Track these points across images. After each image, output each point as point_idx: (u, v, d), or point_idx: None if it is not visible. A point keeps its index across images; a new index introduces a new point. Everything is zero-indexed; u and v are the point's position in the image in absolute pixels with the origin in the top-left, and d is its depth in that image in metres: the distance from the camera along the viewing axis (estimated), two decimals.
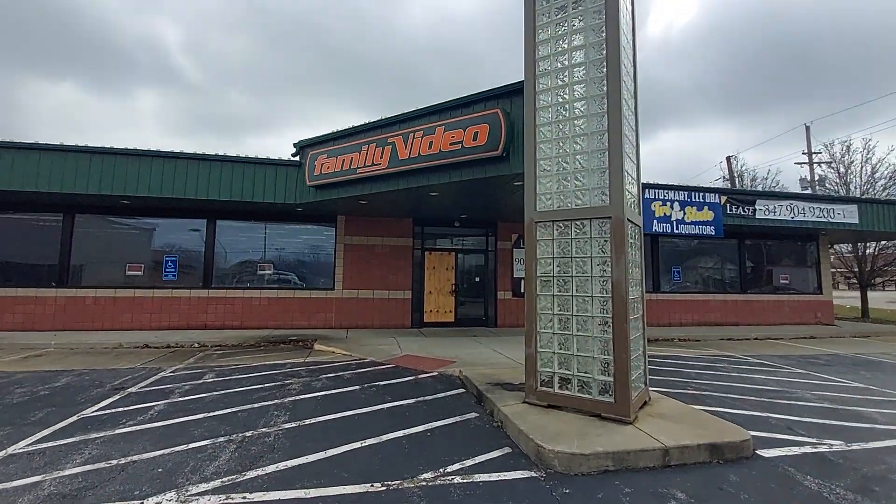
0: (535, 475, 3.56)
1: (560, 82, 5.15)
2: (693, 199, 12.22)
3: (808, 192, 15.32)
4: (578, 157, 4.95)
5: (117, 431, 4.37)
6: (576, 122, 5.00)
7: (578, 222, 4.86)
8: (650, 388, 5.54)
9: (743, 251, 14.66)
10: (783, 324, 14.49)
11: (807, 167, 26.45)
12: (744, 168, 26.49)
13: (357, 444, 4.10)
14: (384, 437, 4.29)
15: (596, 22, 4.92)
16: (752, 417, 5.14)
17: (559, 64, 5.16)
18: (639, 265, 5.20)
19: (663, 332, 12.40)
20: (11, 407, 5.12)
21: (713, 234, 12.29)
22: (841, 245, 19.38)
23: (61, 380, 6.42)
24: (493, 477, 3.51)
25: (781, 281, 14.97)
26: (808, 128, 27.04)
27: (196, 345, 9.46)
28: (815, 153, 26.73)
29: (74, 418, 4.76)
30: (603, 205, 4.71)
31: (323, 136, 9.47)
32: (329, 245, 11.97)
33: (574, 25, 5.10)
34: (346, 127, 9.14)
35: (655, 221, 11.92)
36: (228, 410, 5.04)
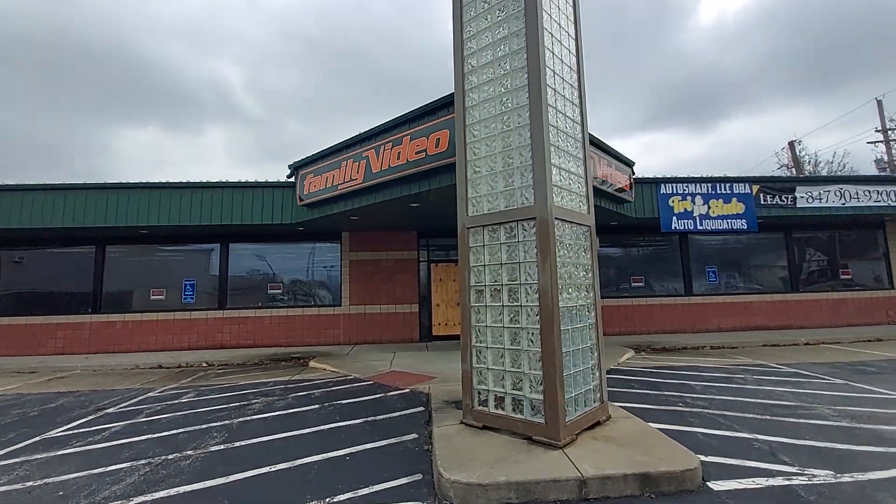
0: None
1: (486, 77, 4.82)
2: (719, 191, 11.08)
3: (869, 173, 13.24)
4: (503, 155, 4.58)
5: (59, 453, 4.56)
6: (502, 118, 4.65)
7: (507, 225, 4.47)
8: (619, 406, 4.95)
9: (791, 245, 13.02)
10: (846, 325, 12.62)
11: (881, 147, 23.40)
12: (803, 153, 23.93)
13: (266, 469, 3.96)
14: (298, 462, 4.12)
15: (516, 9, 4.57)
16: (734, 440, 4.40)
17: (486, 59, 4.85)
18: (587, 268, 4.69)
19: (695, 339, 11.24)
20: None
21: (745, 227, 11.04)
22: None
23: (60, 401, 6.89)
24: None
25: (842, 276, 13.09)
26: (880, 102, 23.97)
27: (204, 364, 9.88)
28: (890, 129, 23.63)
29: (37, 439, 5.04)
30: (527, 205, 4.30)
31: (311, 155, 9.65)
32: (335, 262, 12.14)
33: (497, 16, 4.77)
34: (332, 144, 9.24)
35: (675, 218, 10.91)
36: (173, 432, 5.11)
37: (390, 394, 6.64)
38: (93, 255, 11.73)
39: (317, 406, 6.06)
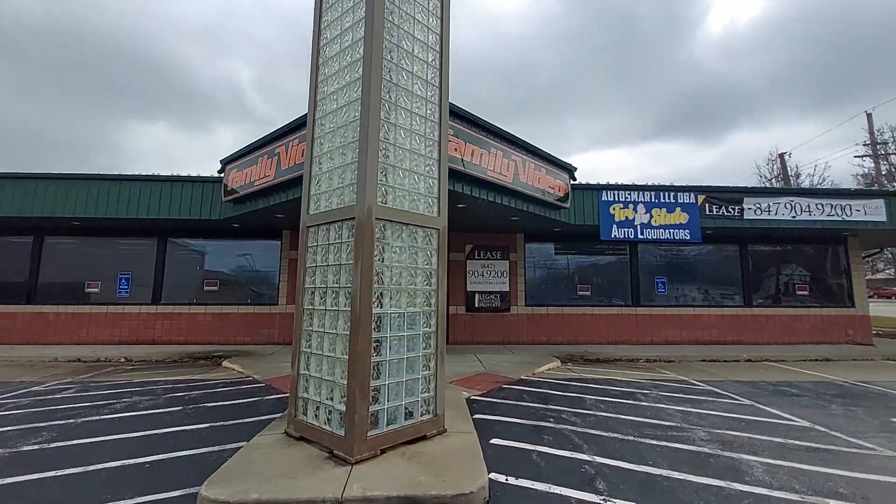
0: None
1: (335, 69, 4.60)
2: (662, 200, 10.75)
3: (827, 187, 12.57)
4: (341, 150, 4.34)
5: None
6: (342, 111, 4.41)
7: (335, 224, 4.23)
8: (488, 418, 4.68)
9: (746, 258, 12.63)
10: (801, 343, 12.21)
11: (869, 161, 22.89)
12: (795, 167, 23.45)
13: (53, 473, 3.75)
14: (94, 467, 3.88)
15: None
16: (567, 462, 4.12)
17: (337, 48, 4.62)
18: (428, 273, 4.44)
19: (636, 351, 10.88)
20: None
21: (688, 238, 10.69)
22: None
23: None
24: None
25: (799, 292, 12.66)
26: (869, 116, 23.48)
27: (123, 359, 9.70)
28: (881, 144, 23.14)
29: None
30: (349, 204, 4.05)
31: (239, 150, 9.47)
32: (274, 260, 11.94)
33: (347, 4, 4.55)
34: (255, 140, 9.06)
35: (615, 227, 10.60)
36: (4, 429, 4.91)
37: (269, 397, 6.40)
38: (30, 245, 11.62)
39: (180, 408, 5.83)
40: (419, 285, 4.36)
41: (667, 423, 5.40)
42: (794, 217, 10.83)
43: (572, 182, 10.53)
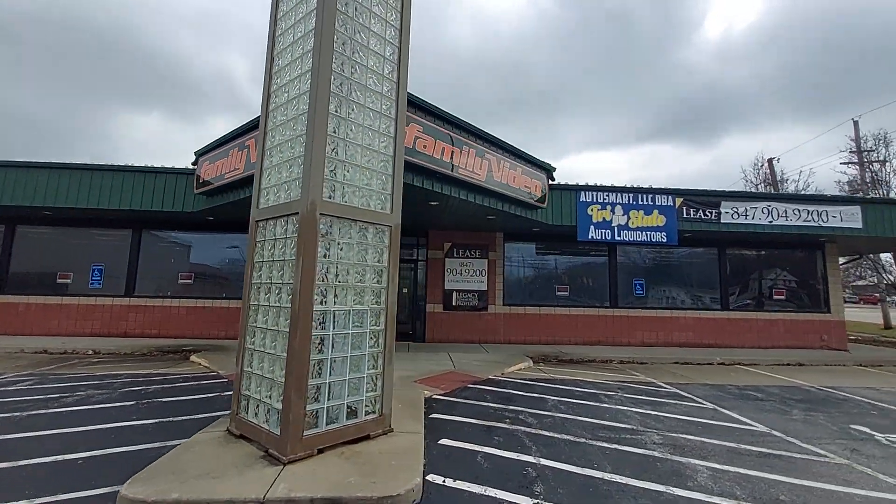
0: None
1: (287, 59, 4.50)
2: (640, 202, 10.73)
3: (810, 192, 12.55)
4: (290, 143, 4.26)
5: None
6: (294, 103, 4.33)
7: (282, 219, 4.15)
8: (445, 417, 4.62)
9: (724, 261, 12.67)
10: (776, 347, 12.27)
11: (854, 167, 23.06)
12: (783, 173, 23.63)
13: None
14: (26, 462, 3.79)
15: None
16: (512, 464, 4.07)
17: (290, 39, 4.53)
18: (379, 271, 4.37)
19: (611, 352, 10.88)
20: None
21: (664, 241, 10.70)
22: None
23: None
24: None
25: (776, 297, 12.73)
26: (856, 123, 23.65)
27: (91, 351, 9.55)
28: (867, 151, 23.30)
29: None
30: (294, 199, 3.97)
31: (212, 142, 9.34)
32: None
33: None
34: (228, 131, 8.93)
35: (593, 228, 10.58)
36: None
37: (227, 393, 6.30)
38: (1, 234, 11.42)
39: (134, 402, 5.73)
40: (368, 282, 4.29)
41: (623, 426, 5.37)
42: (770, 222, 10.86)
43: (551, 182, 10.49)
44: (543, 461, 4.16)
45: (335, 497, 3.04)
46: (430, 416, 5.48)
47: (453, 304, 11.91)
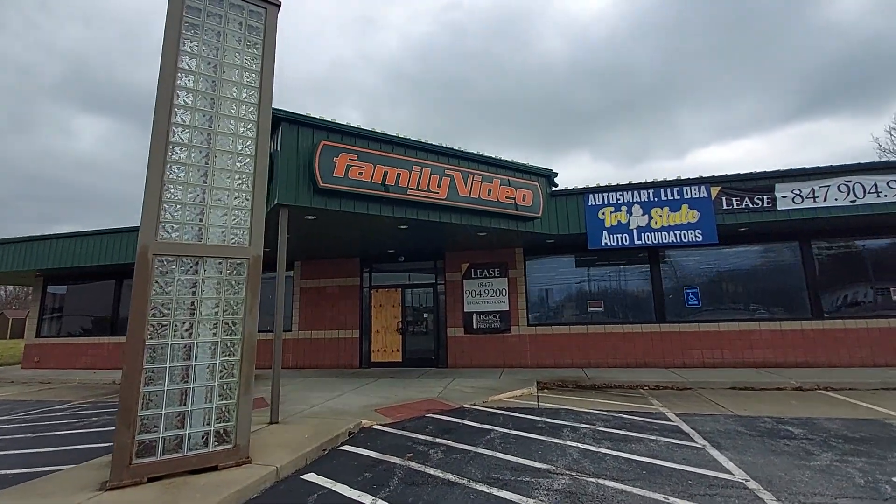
0: None
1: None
2: (664, 198, 9.20)
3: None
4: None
5: None
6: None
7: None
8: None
9: (809, 256, 10.05)
10: None
11: None
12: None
13: None
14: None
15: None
16: (339, 498, 3.74)
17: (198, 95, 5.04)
18: (230, 303, 4.51)
19: (657, 375, 9.23)
20: None
21: (700, 240, 8.94)
22: None
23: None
24: None
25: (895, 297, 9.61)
26: None
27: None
28: None
29: None
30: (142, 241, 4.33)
31: None
32: (287, 290, 12.88)
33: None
34: None
35: (606, 233, 9.35)
36: None
37: None
38: (112, 287, 14.32)
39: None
40: (221, 315, 4.44)
41: (538, 466, 4.56)
42: (853, 202, 8.41)
43: (554, 188, 9.66)
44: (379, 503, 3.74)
45: None
46: (341, 447, 5.32)
47: (474, 326, 11.43)
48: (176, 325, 4.22)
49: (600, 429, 5.94)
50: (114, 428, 5.62)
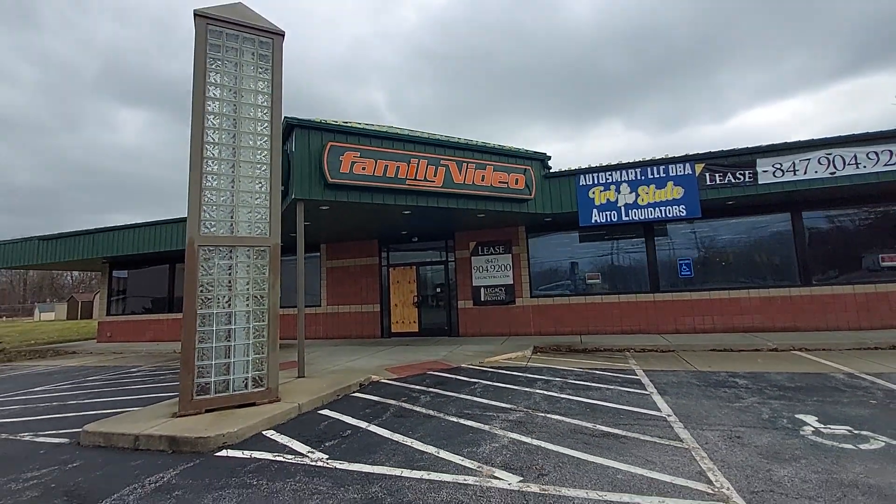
0: None
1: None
2: (650, 176, 9.83)
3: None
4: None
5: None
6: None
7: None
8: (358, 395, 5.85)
9: (800, 226, 10.43)
10: (891, 327, 9.62)
11: None
12: None
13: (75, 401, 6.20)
14: (76, 402, 6.25)
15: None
16: (342, 425, 5.01)
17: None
18: (258, 281, 5.79)
19: (648, 340, 10.10)
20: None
21: (684, 214, 9.58)
22: None
23: (86, 370, 10.52)
24: None
25: (883, 263, 9.91)
26: None
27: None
28: None
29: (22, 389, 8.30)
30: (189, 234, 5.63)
31: None
32: (315, 270, 14.37)
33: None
34: None
35: (595, 211, 10.11)
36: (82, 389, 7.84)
37: None
38: (167, 270, 16.31)
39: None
40: (251, 290, 5.73)
41: (503, 405, 5.69)
42: (833, 174, 8.79)
43: (547, 171, 10.46)
44: (372, 427, 4.98)
45: (171, 435, 4.53)
46: (352, 394, 6.62)
47: (482, 299, 12.53)
48: (218, 299, 5.55)
49: (570, 381, 6.98)
50: (177, 383, 7.12)
